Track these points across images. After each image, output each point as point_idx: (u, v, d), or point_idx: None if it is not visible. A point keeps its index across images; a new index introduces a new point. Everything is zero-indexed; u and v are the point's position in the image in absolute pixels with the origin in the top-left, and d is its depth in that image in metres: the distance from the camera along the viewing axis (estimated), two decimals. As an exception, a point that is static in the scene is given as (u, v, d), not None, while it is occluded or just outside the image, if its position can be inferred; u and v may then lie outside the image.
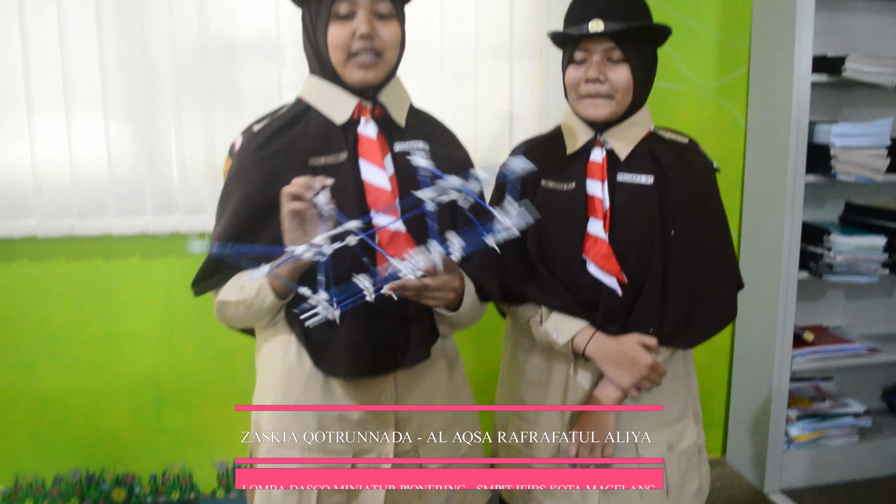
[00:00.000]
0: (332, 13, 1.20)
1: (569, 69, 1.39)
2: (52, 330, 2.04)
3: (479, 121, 2.11)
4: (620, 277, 1.34)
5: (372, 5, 1.20)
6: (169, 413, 2.15)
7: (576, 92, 1.38)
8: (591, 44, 1.34)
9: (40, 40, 1.88)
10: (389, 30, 1.22)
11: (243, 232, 1.22)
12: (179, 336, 2.10)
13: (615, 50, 1.33)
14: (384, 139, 1.26)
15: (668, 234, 1.35)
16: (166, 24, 1.92)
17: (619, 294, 1.34)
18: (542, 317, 1.39)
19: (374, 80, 1.23)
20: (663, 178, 1.37)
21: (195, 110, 1.96)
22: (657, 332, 1.34)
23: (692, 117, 2.34)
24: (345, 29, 1.20)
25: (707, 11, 2.31)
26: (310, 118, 1.25)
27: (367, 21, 1.19)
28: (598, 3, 1.34)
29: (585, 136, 1.40)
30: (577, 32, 1.34)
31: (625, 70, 1.34)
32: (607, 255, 1.33)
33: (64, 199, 1.94)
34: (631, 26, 1.32)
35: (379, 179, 1.22)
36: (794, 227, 2.22)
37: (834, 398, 2.47)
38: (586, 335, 1.35)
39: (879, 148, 2.20)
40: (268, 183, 1.20)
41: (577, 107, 1.40)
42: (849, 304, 2.58)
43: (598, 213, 1.35)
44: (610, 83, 1.34)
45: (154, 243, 2.04)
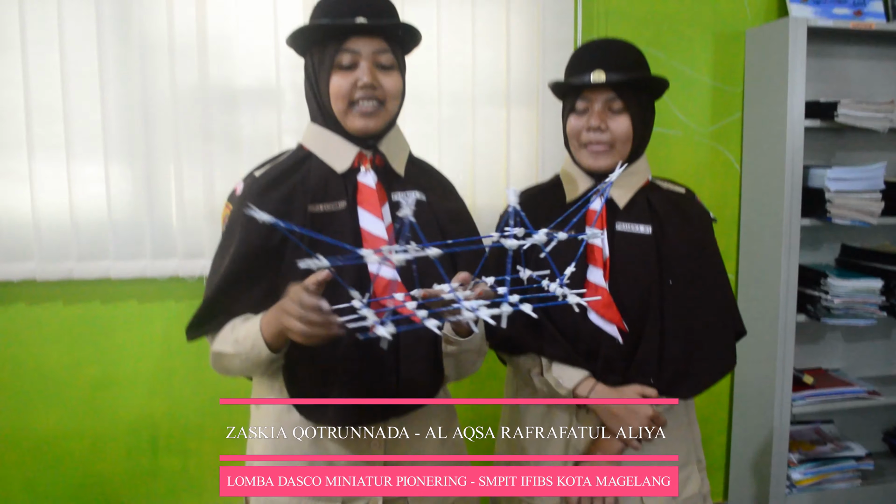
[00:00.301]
0: (335, 63, 1.22)
1: (570, 118, 1.41)
2: (49, 373, 2.03)
3: (476, 166, 2.13)
4: (622, 326, 1.34)
5: (374, 56, 1.23)
6: (165, 457, 2.13)
7: (577, 141, 1.40)
8: (593, 94, 1.37)
9: (42, 83, 1.90)
10: (391, 80, 1.25)
11: (243, 278, 1.22)
12: (176, 380, 2.09)
13: (616, 100, 1.36)
14: (383, 188, 1.27)
15: (666, 284, 1.36)
16: (167, 69, 1.95)
17: (619, 342, 1.34)
18: (542, 367, 1.39)
19: (374, 129, 1.25)
20: (661, 228, 1.39)
21: (195, 154, 1.98)
22: (657, 383, 1.34)
23: (688, 162, 2.36)
24: (347, 79, 1.22)
25: (701, 58, 2.35)
26: (310, 165, 1.26)
27: (370, 71, 1.21)
28: (600, 55, 1.37)
29: (585, 184, 1.42)
30: (579, 82, 1.37)
31: (625, 120, 1.36)
32: (608, 303, 1.34)
33: (63, 242, 1.95)
34: (632, 77, 1.35)
35: (376, 228, 1.23)
36: (792, 270, 2.23)
37: (835, 441, 2.45)
38: (587, 386, 1.35)
39: (874, 192, 2.22)
40: (268, 229, 1.19)
41: (577, 156, 1.42)
42: (847, 346, 2.58)
43: (598, 262, 1.36)
44: (611, 132, 1.36)
45: (152, 287, 2.05)
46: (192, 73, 1.96)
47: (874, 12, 2.36)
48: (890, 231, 2.52)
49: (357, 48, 1.21)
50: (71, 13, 1.90)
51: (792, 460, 2.34)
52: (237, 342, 1.18)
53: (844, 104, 2.17)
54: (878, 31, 2.27)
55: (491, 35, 2.11)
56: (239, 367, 1.22)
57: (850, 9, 2.34)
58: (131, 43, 1.93)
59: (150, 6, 1.93)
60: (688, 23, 2.32)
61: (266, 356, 1.17)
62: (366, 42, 1.22)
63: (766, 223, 2.30)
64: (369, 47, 1.22)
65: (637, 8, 2.28)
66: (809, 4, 2.31)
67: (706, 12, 2.34)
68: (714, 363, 1.40)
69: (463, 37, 2.10)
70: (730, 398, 2.50)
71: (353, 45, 1.21)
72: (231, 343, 1.20)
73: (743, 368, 2.42)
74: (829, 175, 2.20)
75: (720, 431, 2.53)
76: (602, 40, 1.46)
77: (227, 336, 1.21)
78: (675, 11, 2.31)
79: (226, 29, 1.98)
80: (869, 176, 2.22)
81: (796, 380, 2.34)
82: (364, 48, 1.22)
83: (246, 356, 1.18)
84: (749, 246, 2.40)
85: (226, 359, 1.22)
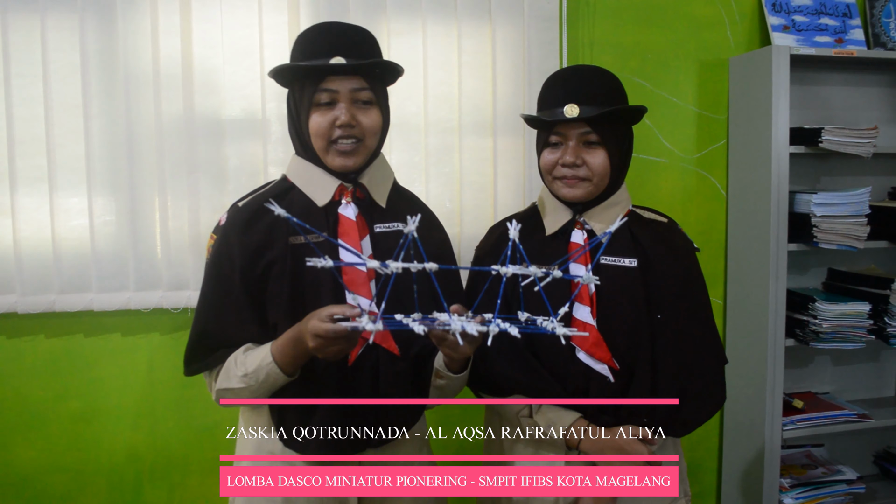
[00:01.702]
0: (314, 102, 1.23)
1: (544, 153, 1.38)
2: (31, 406, 2.00)
3: (463, 195, 2.13)
4: (612, 364, 1.31)
5: (352, 94, 1.23)
6: (150, 490, 2.09)
7: (550, 175, 1.37)
8: (567, 128, 1.33)
9: (25, 115, 1.89)
10: (370, 117, 1.25)
11: (227, 305, 1.23)
12: (160, 412, 2.06)
13: (591, 133, 1.32)
14: (364, 220, 1.28)
15: (655, 318, 1.34)
16: (152, 100, 1.93)
17: (610, 381, 1.31)
18: (531, 409, 1.36)
19: (354, 166, 1.25)
20: (646, 260, 1.36)
21: (180, 186, 1.96)
22: (650, 421, 1.32)
23: (675, 188, 2.37)
24: (325, 117, 1.22)
25: (686, 87, 2.37)
26: (293, 197, 1.28)
27: (347, 110, 1.22)
28: (573, 87, 1.32)
29: (564, 216, 1.39)
30: (550, 118, 1.32)
31: (601, 154, 1.33)
32: (597, 342, 1.31)
33: (45, 274, 1.92)
34: (605, 111, 1.30)
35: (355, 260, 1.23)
36: (779, 295, 2.23)
37: (826, 465, 2.44)
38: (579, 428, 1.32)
39: (859, 216, 2.23)
40: (252, 259, 1.22)
41: (552, 187, 1.39)
42: (836, 370, 2.58)
43: (584, 299, 1.32)
44: (587, 167, 1.33)
45: (136, 319, 2.02)
46: (178, 104, 1.95)
47: (855, 40, 2.39)
48: (876, 254, 2.54)
49: (335, 87, 1.22)
50: (55, 45, 1.89)
51: (784, 485, 2.33)
52: (247, 376, 1.21)
53: (828, 130, 2.19)
54: (859, 58, 2.29)
55: (477, 65, 2.12)
56: (247, 397, 1.25)
57: (832, 37, 2.37)
58: (116, 74, 1.92)
59: (135, 37, 1.93)
60: (672, 52, 2.34)
61: (283, 381, 1.20)
62: (343, 81, 1.22)
63: (753, 248, 2.30)
64: (347, 85, 1.22)
65: (622, 38, 2.30)
66: (791, 33, 2.34)
67: (690, 41, 2.36)
68: (706, 400, 1.38)
69: (449, 67, 2.10)
70: (720, 424, 2.49)
71: (330, 85, 1.22)
72: (239, 379, 1.22)
73: (733, 394, 2.39)
74: (814, 200, 2.21)
75: (711, 457, 2.52)
76: (574, 68, 1.41)
77: (232, 372, 1.23)
78: (659, 41, 2.33)
79: (211, 60, 1.97)
80: (854, 200, 2.24)
81: (786, 404, 2.34)
82: (342, 87, 1.22)
83: (258, 387, 1.21)
84: (736, 271, 2.40)
85: (233, 393, 1.24)
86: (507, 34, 2.14)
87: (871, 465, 2.63)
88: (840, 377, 2.58)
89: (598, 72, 1.37)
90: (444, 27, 2.10)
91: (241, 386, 1.21)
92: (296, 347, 1.14)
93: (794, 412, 2.33)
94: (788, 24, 2.35)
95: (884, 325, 2.30)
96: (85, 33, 1.89)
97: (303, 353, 1.14)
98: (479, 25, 2.12)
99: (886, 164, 2.53)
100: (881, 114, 2.51)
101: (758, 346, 2.28)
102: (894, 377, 2.64)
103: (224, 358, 1.25)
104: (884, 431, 2.54)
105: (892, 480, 2.55)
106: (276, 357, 1.18)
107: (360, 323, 1.01)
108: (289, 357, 1.17)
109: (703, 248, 1.43)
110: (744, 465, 2.38)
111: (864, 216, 2.24)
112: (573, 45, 2.24)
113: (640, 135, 2.32)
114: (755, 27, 2.42)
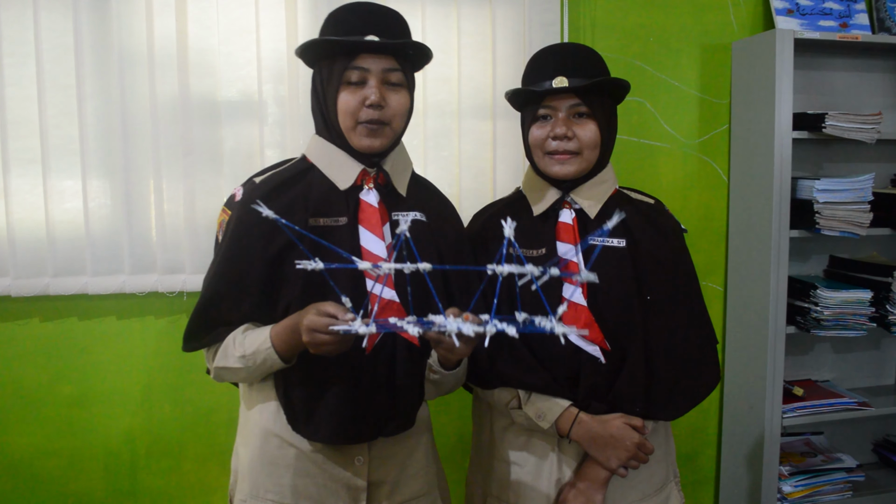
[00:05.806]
0: (344, 80, 1.21)
1: (532, 128, 1.36)
2: (25, 391, 1.98)
3: (462, 178, 2.11)
4: (604, 345, 1.30)
5: (383, 75, 1.21)
6: (144, 476, 2.08)
7: (541, 150, 1.35)
8: (556, 101, 1.32)
9: (18, 96, 1.86)
10: (399, 99, 1.23)
11: (242, 284, 1.22)
12: (156, 396, 2.05)
13: (581, 105, 1.31)
14: (384, 207, 1.26)
15: (645, 299, 1.32)
16: (147, 82, 1.90)
17: (601, 363, 1.30)
18: (520, 399, 1.34)
19: (380, 148, 1.24)
20: (634, 241, 1.35)
21: (175, 168, 1.94)
22: (643, 407, 1.30)
23: (676, 174, 2.35)
24: (355, 96, 1.20)
25: (688, 71, 2.34)
26: (313, 178, 1.25)
27: (378, 89, 1.20)
28: (560, 60, 1.33)
29: (553, 196, 1.37)
30: (540, 89, 1.32)
31: (591, 126, 1.32)
32: (590, 322, 1.30)
33: (39, 257, 1.90)
34: (595, 81, 1.30)
35: (376, 247, 1.22)
36: (781, 282, 2.21)
37: (826, 453, 2.44)
38: (570, 417, 1.30)
39: (862, 203, 2.21)
40: (269, 237, 1.20)
41: (542, 164, 1.37)
42: (837, 357, 2.57)
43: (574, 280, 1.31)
44: (578, 140, 1.32)
45: (131, 303, 2.00)
46: (173, 86, 1.92)
47: (860, 24, 2.36)
48: (878, 242, 2.52)
49: (366, 66, 1.20)
50: (48, 25, 1.86)
51: (783, 473, 2.32)
52: (245, 357, 1.20)
53: (832, 116, 2.17)
54: (864, 42, 2.27)
55: (476, 47, 2.09)
56: (244, 377, 1.24)
57: (836, 21, 2.34)
58: (110, 55, 1.89)
59: (129, 17, 1.89)
60: (675, 35, 2.31)
61: (279, 367, 1.19)
62: (375, 60, 1.20)
63: (755, 235, 2.28)
64: (379, 65, 1.20)
65: (624, 21, 2.27)
66: (795, 17, 2.31)
67: (693, 25, 2.33)
68: (699, 382, 1.37)
69: (448, 49, 2.07)
70: (719, 411, 2.48)
71: (362, 63, 1.20)
72: (237, 359, 1.21)
73: (732, 380, 2.40)
74: (817, 186, 2.19)
75: (710, 444, 2.51)
76: (559, 45, 1.42)
77: (230, 351, 1.22)
78: (661, 23, 2.30)
79: (207, 41, 1.94)
80: (857, 187, 2.22)
81: (786, 392, 2.33)
82: (374, 66, 1.20)
83: (256, 368, 1.20)
84: (737, 258, 2.38)
85: (230, 372, 1.23)
86: (508, 16, 2.12)
87: (871, 454, 2.62)
88: (840, 365, 2.57)
89: (582, 47, 1.39)
90: (444, 8, 2.07)
91: (238, 366, 1.21)
92: (293, 336, 1.14)
93: (794, 400, 2.32)
94: (792, 7, 2.31)
95: (885, 312, 2.29)
96: (78, 12, 1.85)
97: (298, 343, 1.13)
98: (478, 7, 2.09)
99: (890, 151, 2.51)
100: (885, 99, 2.49)
101: (758, 333, 2.27)
102: (895, 365, 2.63)
103: (223, 336, 1.24)
104: (884, 420, 2.54)
105: (891, 469, 2.55)
106: (275, 342, 1.17)
107: (352, 326, 1.00)
108: (286, 344, 1.16)
109: (704, 234, 1.41)
110: (743, 452, 2.37)
111: (866, 203, 2.22)
112: (574, 27, 2.21)
113: (642, 119, 2.30)
114: (759, 10, 2.39)
